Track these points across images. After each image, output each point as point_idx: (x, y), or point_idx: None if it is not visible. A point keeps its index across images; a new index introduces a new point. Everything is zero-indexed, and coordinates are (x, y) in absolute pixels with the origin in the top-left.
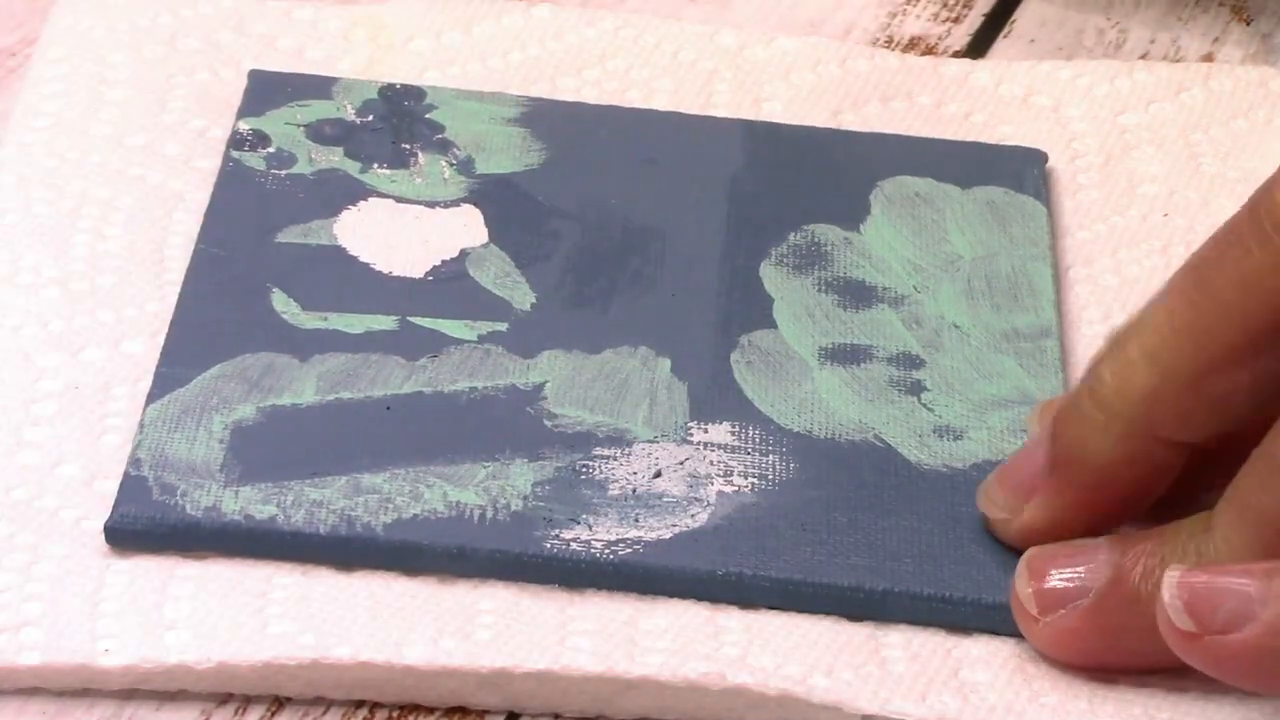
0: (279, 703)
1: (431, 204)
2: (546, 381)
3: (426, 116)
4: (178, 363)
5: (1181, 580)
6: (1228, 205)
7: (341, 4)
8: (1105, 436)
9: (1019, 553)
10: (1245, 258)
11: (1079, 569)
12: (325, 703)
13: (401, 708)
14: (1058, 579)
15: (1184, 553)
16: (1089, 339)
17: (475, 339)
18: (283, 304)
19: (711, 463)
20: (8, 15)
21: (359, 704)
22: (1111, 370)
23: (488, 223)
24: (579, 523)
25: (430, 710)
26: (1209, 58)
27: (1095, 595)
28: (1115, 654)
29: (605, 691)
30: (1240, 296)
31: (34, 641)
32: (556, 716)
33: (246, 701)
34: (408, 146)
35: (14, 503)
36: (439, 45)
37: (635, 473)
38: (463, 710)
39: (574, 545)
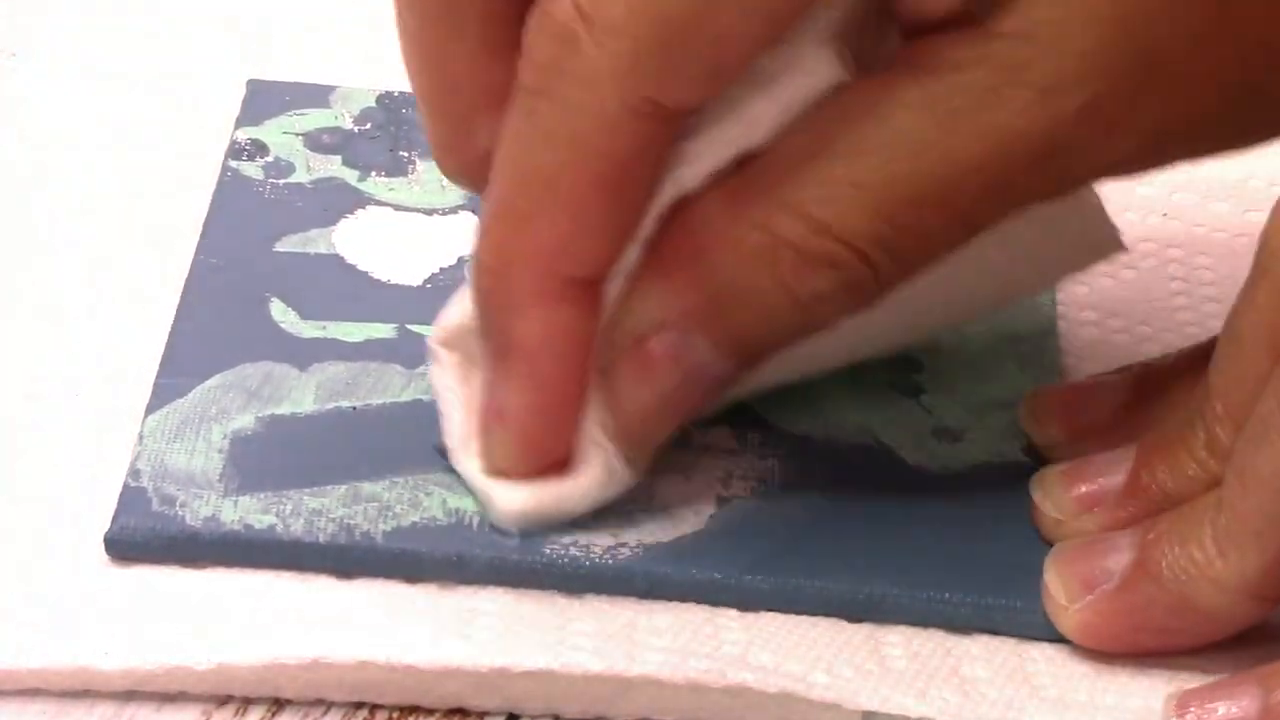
0: (279, 704)
1: (430, 211)
2: None
3: None
4: (177, 373)
5: (1179, 704)
6: (1226, 207)
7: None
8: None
9: (1019, 555)
10: None
11: (1105, 555)
12: (325, 704)
13: (401, 709)
14: (1084, 566)
15: (1200, 530)
16: (1087, 340)
17: None
18: (281, 313)
19: (711, 466)
20: (7, 15)
21: (359, 705)
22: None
23: None
24: (578, 528)
25: (430, 712)
26: None
27: (1120, 577)
28: (1144, 634)
29: (605, 692)
30: None
31: (34, 644)
32: (556, 718)
33: (246, 703)
34: (406, 154)
35: (14, 513)
36: None
37: None
38: (463, 712)
39: (573, 550)
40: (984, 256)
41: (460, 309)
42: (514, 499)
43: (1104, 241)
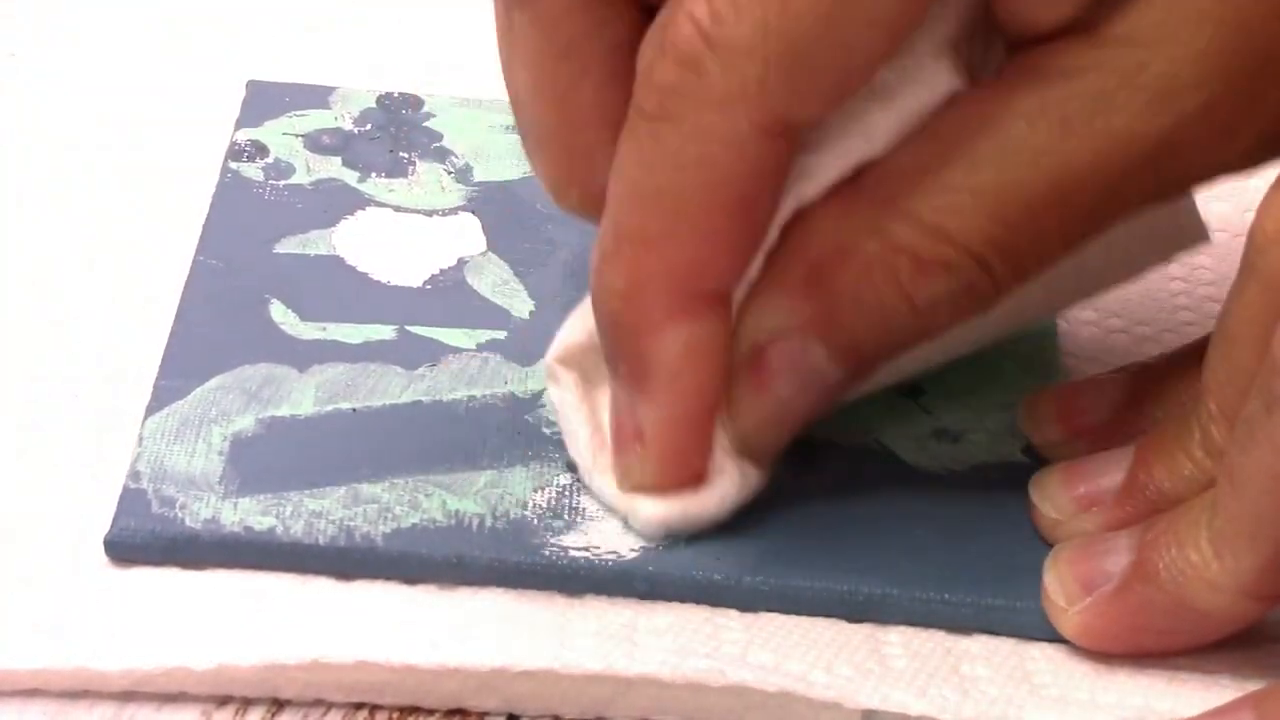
0: (278, 705)
1: (429, 212)
2: (545, 389)
3: (424, 124)
4: (176, 374)
5: None
6: (1226, 207)
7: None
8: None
9: (1019, 555)
10: None
11: (1103, 557)
12: (325, 705)
13: (401, 710)
14: (1083, 568)
15: (1196, 531)
16: (1087, 340)
17: (474, 347)
18: (281, 314)
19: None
20: (7, 15)
21: (358, 706)
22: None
23: (486, 231)
24: (578, 530)
25: (430, 712)
26: None
27: (1119, 579)
28: (1144, 635)
29: (605, 692)
30: None
31: (34, 645)
32: (556, 718)
33: (246, 704)
34: (406, 155)
35: (14, 515)
36: (437, 52)
37: None
38: (462, 712)
39: (573, 552)
40: (1084, 254)
41: (578, 328)
42: (656, 511)
43: (1191, 231)
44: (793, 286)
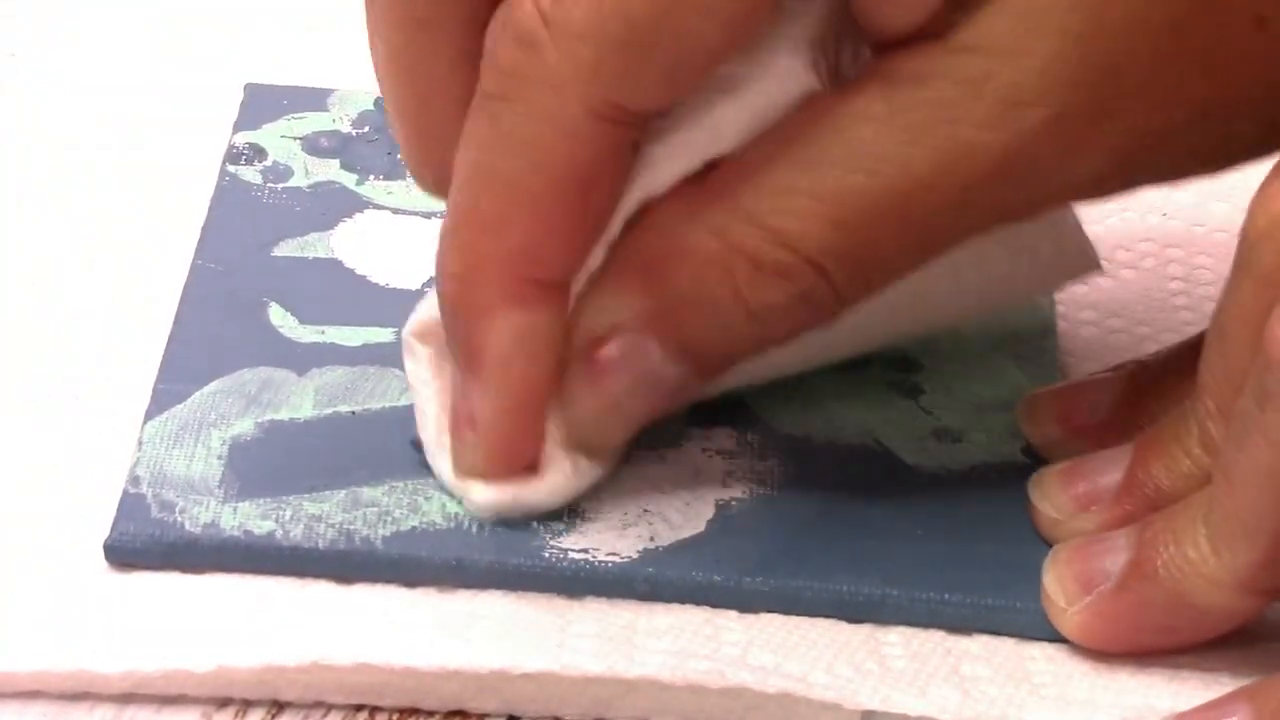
0: (278, 706)
1: (428, 215)
2: None
3: None
4: (176, 379)
5: None
6: (1226, 207)
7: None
8: None
9: (1019, 555)
10: None
11: (1102, 556)
12: (325, 706)
13: (401, 711)
14: (1082, 568)
15: (1194, 528)
16: (1087, 340)
17: None
18: (280, 318)
19: (710, 468)
20: (7, 15)
21: (358, 708)
22: None
23: None
24: (578, 531)
25: (430, 714)
26: None
27: (1118, 577)
28: (1144, 634)
29: (605, 694)
30: None
31: (34, 647)
32: None
33: (246, 705)
34: None
35: (14, 519)
36: None
37: (634, 479)
38: (463, 714)
39: (573, 554)
40: (956, 273)
41: (434, 303)
42: (488, 497)
43: (1081, 261)
44: (631, 280)
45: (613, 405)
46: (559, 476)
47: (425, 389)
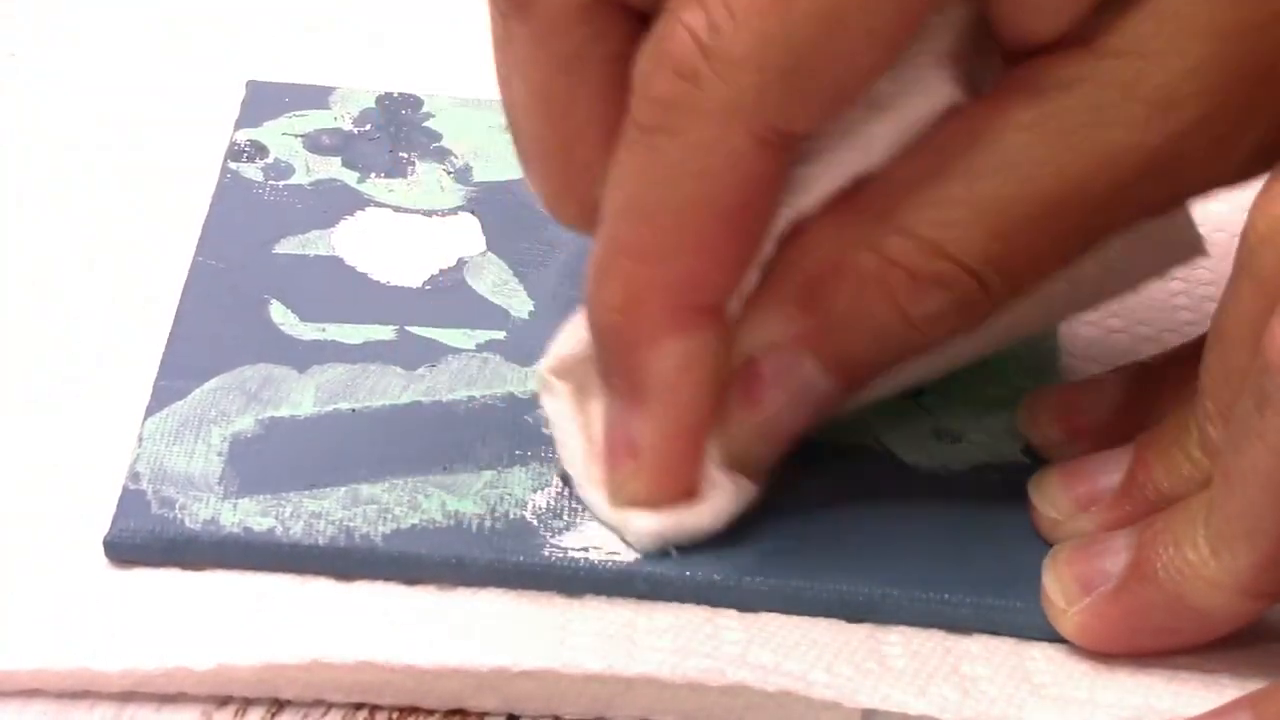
0: (278, 705)
1: (429, 213)
2: None
3: (424, 124)
4: (176, 375)
5: None
6: (1226, 207)
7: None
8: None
9: (1019, 555)
10: None
11: (1102, 557)
12: (325, 705)
13: (401, 710)
14: (1082, 569)
15: (1193, 530)
16: (1087, 339)
17: (473, 348)
18: (281, 315)
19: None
20: (7, 15)
21: (358, 706)
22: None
23: (485, 231)
24: (578, 530)
25: (430, 713)
26: None
27: (1117, 579)
28: (1143, 635)
29: (605, 693)
30: None
31: (34, 645)
32: (556, 718)
33: (246, 704)
34: (405, 155)
35: (14, 516)
36: (437, 52)
37: None
38: (462, 713)
39: (573, 553)
40: (1080, 267)
41: (573, 338)
42: (651, 525)
43: (1188, 247)
44: (787, 300)
45: (771, 423)
46: (721, 498)
47: (569, 424)
